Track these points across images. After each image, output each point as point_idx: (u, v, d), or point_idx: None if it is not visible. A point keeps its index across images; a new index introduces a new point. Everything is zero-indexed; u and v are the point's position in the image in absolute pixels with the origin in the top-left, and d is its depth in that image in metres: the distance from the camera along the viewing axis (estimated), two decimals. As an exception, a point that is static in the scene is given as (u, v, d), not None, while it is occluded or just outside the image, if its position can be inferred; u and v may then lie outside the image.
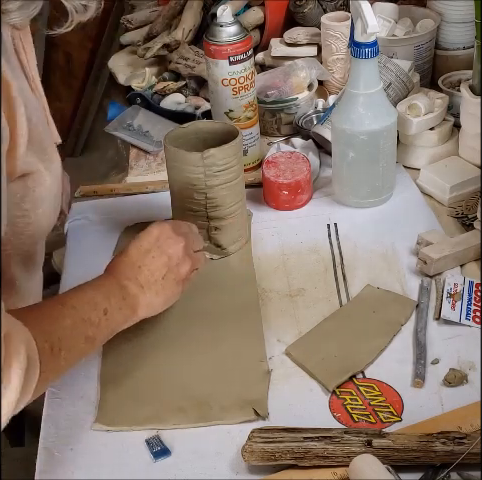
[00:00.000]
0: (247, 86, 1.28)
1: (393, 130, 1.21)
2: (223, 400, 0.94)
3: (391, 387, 0.94)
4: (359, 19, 1.12)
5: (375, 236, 1.19)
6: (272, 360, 0.99)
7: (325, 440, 0.83)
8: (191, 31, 1.64)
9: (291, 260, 1.16)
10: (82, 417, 0.94)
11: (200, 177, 1.10)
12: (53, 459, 0.90)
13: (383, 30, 1.44)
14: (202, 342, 1.03)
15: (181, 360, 1.01)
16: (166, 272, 0.96)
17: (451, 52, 1.49)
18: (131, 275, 0.94)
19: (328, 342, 1.01)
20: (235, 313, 1.07)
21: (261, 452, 0.83)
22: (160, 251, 0.96)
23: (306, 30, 1.58)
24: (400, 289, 1.08)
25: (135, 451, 0.90)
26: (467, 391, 0.92)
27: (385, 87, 1.28)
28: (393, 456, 0.82)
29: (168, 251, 0.97)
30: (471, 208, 1.21)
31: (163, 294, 0.96)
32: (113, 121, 1.54)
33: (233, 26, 1.24)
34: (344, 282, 1.11)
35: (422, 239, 1.13)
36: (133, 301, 0.94)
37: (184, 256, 0.98)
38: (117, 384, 0.98)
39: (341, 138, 1.21)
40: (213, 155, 1.09)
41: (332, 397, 0.94)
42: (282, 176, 1.25)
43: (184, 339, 1.03)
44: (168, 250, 0.97)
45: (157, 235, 0.97)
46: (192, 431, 0.92)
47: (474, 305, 1.02)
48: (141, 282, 0.95)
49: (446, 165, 1.27)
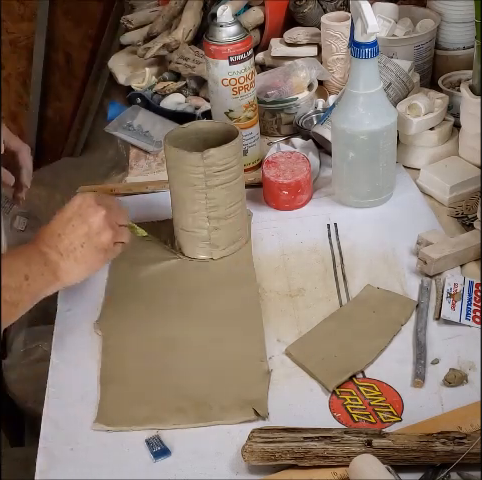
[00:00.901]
0: (247, 86, 1.28)
1: (393, 130, 1.21)
2: (223, 400, 0.94)
3: (391, 387, 0.94)
4: (359, 19, 1.12)
5: (375, 236, 1.19)
6: (272, 360, 0.99)
7: (325, 440, 0.83)
8: (191, 31, 1.64)
9: (291, 260, 1.16)
10: (82, 417, 0.94)
11: (200, 177, 1.10)
12: (53, 459, 0.90)
13: (383, 30, 1.44)
14: (202, 342, 1.03)
15: (181, 360, 1.01)
16: (86, 240, 0.99)
17: (451, 52, 1.49)
18: (51, 243, 0.98)
19: (328, 342, 1.01)
20: (235, 313, 1.07)
21: (261, 452, 0.83)
22: (81, 220, 0.99)
23: (306, 30, 1.58)
24: (400, 289, 1.08)
25: (135, 451, 0.90)
26: (467, 391, 0.92)
27: (385, 87, 1.28)
28: (393, 456, 0.82)
29: (88, 220, 0.99)
30: (471, 208, 1.21)
31: (83, 262, 0.99)
32: (113, 121, 1.54)
33: (233, 26, 1.24)
34: (344, 282, 1.11)
35: (422, 239, 1.13)
36: (54, 267, 0.97)
37: (105, 225, 1.00)
38: (117, 384, 0.98)
39: (341, 138, 1.21)
40: (213, 155, 1.09)
41: (332, 397, 0.94)
42: (282, 176, 1.25)
43: (184, 339, 1.03)
44: (89, 219, 0.99)
45: (79, 204, 1.00)
46: (192, 431, 0.92)
47: (474, 305, 1.02)
48: (60, 250, 0.98)
49: (446, 165, 1.27)
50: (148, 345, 1.03)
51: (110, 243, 1.01)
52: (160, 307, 1.09)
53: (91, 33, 2.55)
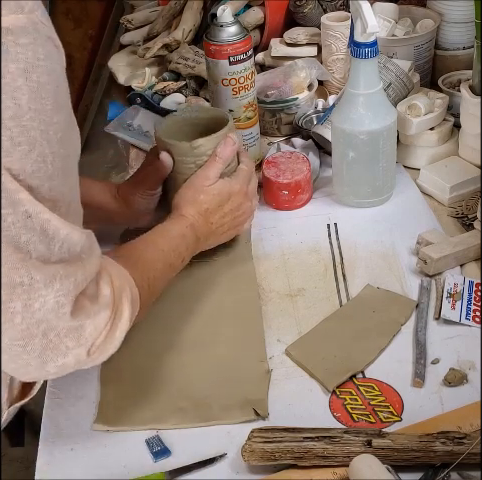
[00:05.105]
0: (247, 86, 1.28)
1: (393, 130, 1.21)
2: (223, 400, 0.94)
3: (391, 387, 0.94)
4: (359, 19, 1.12)
5: (375, 236, 1.19)
6: (272, 360, 0.99)
7: (325, 440, 0.83)
8: (191, 31, 1.64)
9: (291, 260, 1.16)
10: (82, 417, 0.94)
11: (191, 167, 1.09)
12: (53, 459, 0.90)
13: (383, 30, 1.44)
14: (202, 342, 1.03)
15: (181, 360, 1.01)
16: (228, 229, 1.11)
17: (451, 52, 1.49)
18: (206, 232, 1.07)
19: (328, 342, 1.01)
20: (235, 313, 1.07)
21: (261, 452, 0.83)
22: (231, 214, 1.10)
23: (306, 30, 1.58)
24: (400, 289, 1.08)
25: (135, 451, 0.90)
26: (467, 391, 0.92)
27: (385, 87, 1.28)
28: (393, 456, 0.82)
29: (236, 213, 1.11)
30: (471, 208, 1.21)
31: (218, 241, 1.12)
32: (113, 121, 1.54)
33: (233, 26, 1.24)
34: (344, 282, 1.11)
35: (422, 239, 1.13)
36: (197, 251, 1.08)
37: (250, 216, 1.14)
38: (117, 384, 0.98)
39: (341, 138, 1.21)
40: (202, 145, 1.08)
41: (332, 397, 0.94)
42: (282, 176, 1.25)
43: (184, 339, 1.03)
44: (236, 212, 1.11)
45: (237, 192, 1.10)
46: (192, 431, 0.92)
47: (474, 305, 1.03)
48: (209, 241, 1.09)
49: (446, 165, 1.27)
50: (148, 345, 1.03)
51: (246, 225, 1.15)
52: (160, 307, 1.09)
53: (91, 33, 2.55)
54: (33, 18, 0.69)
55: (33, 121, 0.69)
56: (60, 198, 0.74)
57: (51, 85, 0.71)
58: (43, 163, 0.71)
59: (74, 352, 0.78)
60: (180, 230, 1.03)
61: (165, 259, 0.99)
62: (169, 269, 0.99)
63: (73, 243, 0.75)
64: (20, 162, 0.69)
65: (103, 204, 1.15)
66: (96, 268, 0.80)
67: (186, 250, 1.03)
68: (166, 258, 0.99)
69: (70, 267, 0.75)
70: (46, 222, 0.71)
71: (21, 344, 0.75)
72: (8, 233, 0.69)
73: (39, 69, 0.69)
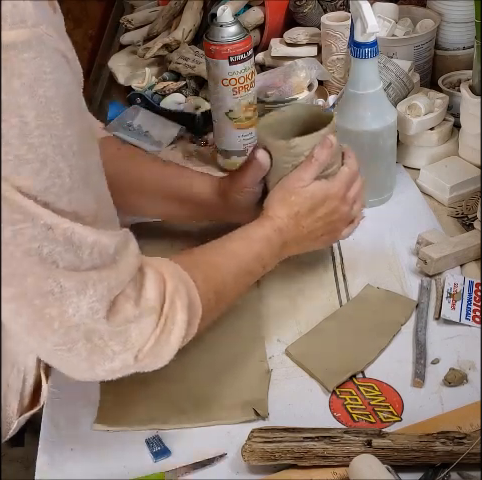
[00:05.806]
0: (247, 86, 1.28)
1: (393, 130, 1.21)
2: (223, 400, 0.94)
3: (391, 387, 0.94)
4: (359, 19, 1.12)
5: (375, 236, 1.19)
6: (272, 360, 0.99)
7: (325, 440, 0.83)
8: (191, 31, 1.64)
9: (291, 260, 1.16)
10: (82, 417, 0.94)
11: (287, 167, 1.03)
12: (53, 459, 0.90)
13: (383, 30, 1.44)
14: (202, 342, 1.03)
15: (181, 360, 1.00)
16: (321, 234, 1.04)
17: (451, 52, 1.48)
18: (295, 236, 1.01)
19: (328, 342, 1.01)
20: (235, 313, 1.07)
21: (261, 452, 0.83)
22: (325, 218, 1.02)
23: (306, 30, 1.58)
24: (400, 289, 1.08)
25: (135, 451, 0.90)
26: (467, 391, 0.92)
27: (385, 87, 1.28)
28: (393, 456, 0.82)
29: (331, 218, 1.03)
30: (471, 208, 1.21)
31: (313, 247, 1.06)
32: (113, 121, 1.53)
33: (233, 26, 1.24)
34: (344, 282, 1.11)
35: (422, 239, 1.13)
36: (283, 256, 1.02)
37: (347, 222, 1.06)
38: (117, 384, 0.98)
39: (341, 138, 1.21)
40: (299, 145, 1.01)
41: (332, 397, 0.94)
42: (282, 176, 1.24)
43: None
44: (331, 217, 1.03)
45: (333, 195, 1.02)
46: (192, 431, 0.92)
47: (474, 305, 1.03)
48: (300, 247, 1.03)
49: (446, 165, 1.27)
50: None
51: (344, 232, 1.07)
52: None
53: (91, 33, 2.55)
54: (37, 31, 0.67)
55: (43, 137, 0.68)
56: (83, 209, 0.73)
57: (61, 98, 0.69)
58: (58, 178, 0.70)
59: (121, 357, 0.77)
60: (264, 233, 0.97)
61: (240, 263, 0.93)
62: (245, 275, 0.94)
63: (104, 246, 0.74)
64: (30, 180, 0.68)
65: (203, 198, 1.10)
66: (133, 268, 0.78)
67: (269, 255, 0.97)
68: (241, 262, 0.93)
69: (103, 271, 0.74)
70: (69, 231, 0.70)
71: (65, 349, 0.74)
72: (30, 246, 0.69)
73: (46, 83, 0.68)
